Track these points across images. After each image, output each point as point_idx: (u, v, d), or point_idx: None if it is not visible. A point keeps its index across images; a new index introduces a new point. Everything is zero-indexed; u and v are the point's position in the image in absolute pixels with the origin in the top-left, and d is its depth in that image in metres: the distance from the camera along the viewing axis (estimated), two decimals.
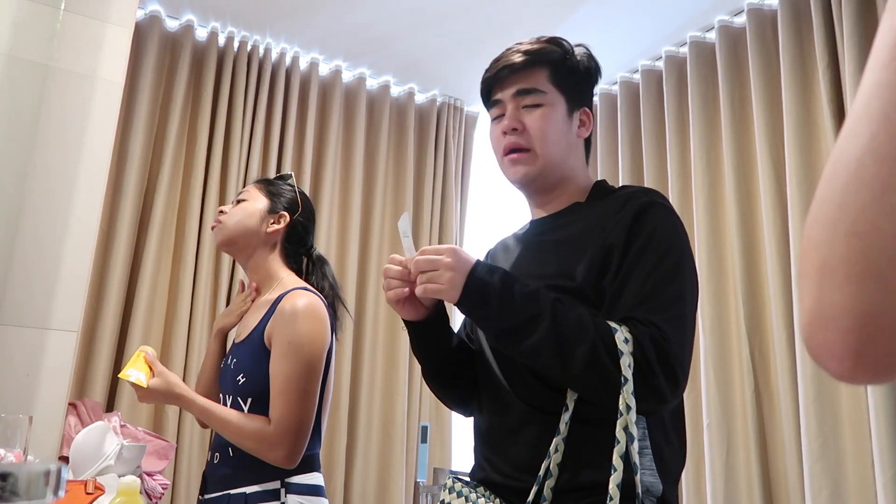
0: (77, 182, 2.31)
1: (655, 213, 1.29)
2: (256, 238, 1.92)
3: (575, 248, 1.32)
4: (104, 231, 3.05)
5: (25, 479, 0.52)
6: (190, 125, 3.42)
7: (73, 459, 2.06)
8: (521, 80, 1.41)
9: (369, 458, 3.46)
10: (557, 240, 1.38)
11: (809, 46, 2.86)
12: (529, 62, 1.41)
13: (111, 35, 2.44)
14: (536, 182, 1.42)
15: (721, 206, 3.09)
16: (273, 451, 1.67)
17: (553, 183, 1.42)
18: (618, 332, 1.17)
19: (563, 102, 1.42)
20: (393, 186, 3.89)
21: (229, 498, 1.71)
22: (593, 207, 1.38)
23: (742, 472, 2.77)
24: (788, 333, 2.70)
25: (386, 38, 3.59)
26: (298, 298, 1.77)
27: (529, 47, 1.43)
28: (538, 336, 1.18)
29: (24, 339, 2.16)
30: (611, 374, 1.15)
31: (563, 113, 1.42)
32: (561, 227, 1.40)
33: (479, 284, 1.21)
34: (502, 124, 1.42)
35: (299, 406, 1.69)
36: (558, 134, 1.40)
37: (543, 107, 1.40)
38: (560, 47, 1.44)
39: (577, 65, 1.44)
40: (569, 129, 1.43)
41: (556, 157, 1.40)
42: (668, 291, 1.24)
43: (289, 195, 1.99)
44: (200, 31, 3.53)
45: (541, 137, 1.39)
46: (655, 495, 1.20)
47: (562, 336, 1.17)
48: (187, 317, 3.19)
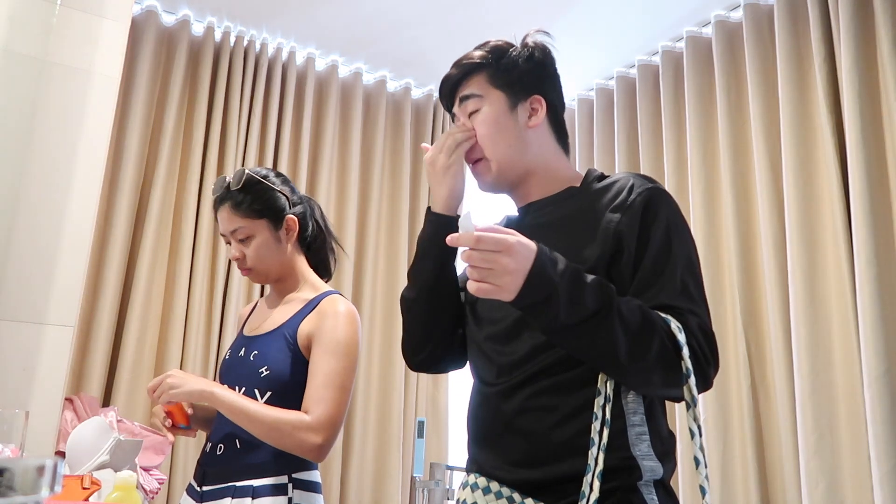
0: (73, 177, 2.30)
1: (667, 201, 1.31)
2: (286, 257, 1.93)
3: (580, 231, 1.32)
4: (100, 226, 3.04)
5: (22, 474, 0.52)
6: (186, 120, 3.41)
7: (70, 454, 2.06)
8: (460, 90, 1.47)
9: (366, 453, 3.47)
10: (558, 223, 1.38)
11: (806, 41, 2.86)
12: (464, 72, 1.47)
13: (107, 29, 2.43)
14: (500, 185, 1.45)
15: (717, 200, 3.09)
16: (311, 437, 1.66)
17: (517, 179, 1.44)
18: (671, 322, 1.18)
19: (503, 99, 1.43)
20: (389, 181, 3.89)
21: (234, 489, 1.71)
22: (591, 192, 1.38)
23: (738, 467, 2.78)
24: (785, 328, 2.70)
25: (382, 34, 3.59)
26: (341, 303, 1.84)
27: (463, 59, 1.49)
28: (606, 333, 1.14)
29: (20, 334, 2.16)
30: (677, 367, 1.17)
31: (504, 109, 1.43)
32: (560, 211, 1.40)
33: (544, 284, 1.12)
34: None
35: (340, 401, 1.72)
36: (503, 132, 1.42)
37: (482, 109, 1.43)
38: (494, 50, 1.47)
39: (517, 59, 1.46)
40: (514, 122, 1.43)
41: (507, 155, 1.42)
42: (697, 280, 1.28)
43: (273, 195, 1.91)
44: (197, 26, 3.52)
45: (486, 142, 1.42)
46: (657, 477, 1.23)
47: (632, 332, 1.15)
48: (184, 312, 3.19)
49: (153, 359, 3.10)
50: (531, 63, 1.46)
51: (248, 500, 1.68)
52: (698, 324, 1.21)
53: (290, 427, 1.67)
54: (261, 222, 1.87)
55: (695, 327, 1.20)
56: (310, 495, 1.74)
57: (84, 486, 1.80)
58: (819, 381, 2.54)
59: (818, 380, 2.54)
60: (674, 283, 1.24)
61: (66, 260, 2.26)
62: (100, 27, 2.42)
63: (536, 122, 1.45)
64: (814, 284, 2.63)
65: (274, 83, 3.61)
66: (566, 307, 1.13)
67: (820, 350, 2.58)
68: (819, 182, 2.72)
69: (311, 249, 2.02)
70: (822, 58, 2.74)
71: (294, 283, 1.94)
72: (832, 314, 2.60)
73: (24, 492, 0.51)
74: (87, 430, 2.08)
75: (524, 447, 1.27)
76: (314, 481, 1.78)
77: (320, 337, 1.77)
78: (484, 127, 1.42)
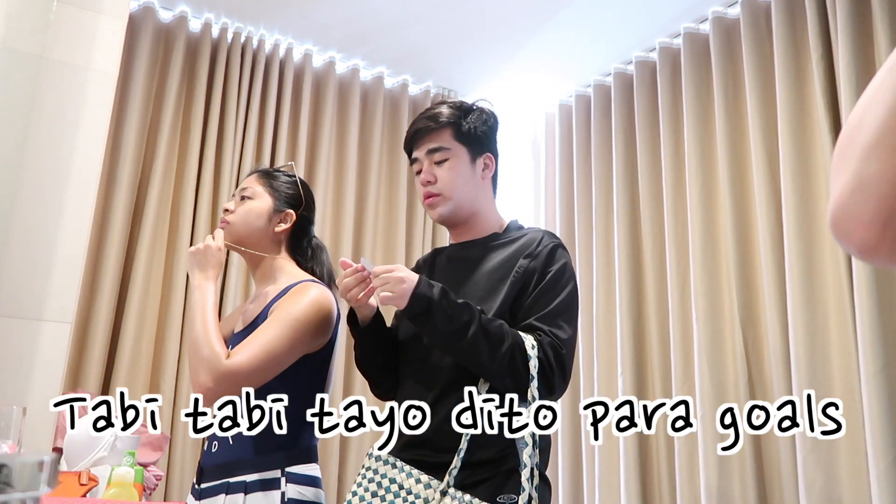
0: (70, 173, 2.30)
1: (565, 255, 1.73)
2: (266, 238, 1.95)
3: (496, 269, 1.71)
4: (98, 222, 3.04)
5: (19, 471, 0.52)
6: (184, 116, 3.40)
7: (67, 451, 2.06)
8: (430, 141, 1.79)
9: (363, 449, 3.47)
10: (481, 260, 1.76)
11: (803, 37, 2.86)
12: (435, 126, 1.78)
13: (105, 26, 2.43)
14: (451, 218, 1.81)
15: (715, 197, 3.09)
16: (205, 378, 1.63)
17: (465, 217, 1.81)
18: (527, 340, 1.57)
19: (466, 153, 1.79)
20: (387, 177, 3.89)
21: (228, 486, 1.71)
22: (510, 241, 1.77)
23: (735, 464, 2.78)
24: (782, 325, 2.71)
25: (379, 30, 3.58)
26: (312, 288, 1.82)
27: (434, 112, 1.80)
28: (470, 339, 1.53)
29: (17, 331, 2.16)
30: (522, 373, 1.55)
31: (467, 162, 1.79)
32: (484, 250, 1.78)
33: (424, 295, 1.55)
34: (420, 177, 1.80)
35: (258, 361, 1.65)
36: (463, 179, 1.78)
37: (449, 160, 1.77)
38: (459, 110, 1.81)
39: (475, 123, 1.80)
40: (473, 174, 1.80)
41: (463, 197, 1.78)
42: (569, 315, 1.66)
43: (291, 190, 2.01)
44: (194, 23, 3.51)
45: (448, 185, 1.76)
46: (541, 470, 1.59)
47: (488, 339, 1.54)
48: (181, 309, 3.19)
49: (150, 355, 3.09)
50: (486, 126, 1.82)
51: (241, 495, 1.69)
52: (550, 343, 1.58)
53: (202, 356, 1.65)
54: (269, 197, 1.97)
55: (546, 345, 1.57)
56: (306, 489, 1.73)
57: (81, 483, 1.80)
58: (817, 378, 2.55)
59: (816, 377, 2.55)
60: (546, 310, 1.63)
61: (64, 256, 2.26)
62: (97, 23, 2.42)
63: (487, 174, 1.84)
64: (811, 281, 2.64)
65: (271, 79, 3.60)
66: (441, 317, 1.54)
67: (817, 347, 2.58)
68: (816, 179, 2.72)
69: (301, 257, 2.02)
70: (819, 54, 2.74)
71: (272, 278, 1.93)
72: (829, 311, 2.60)
73: (22, 488, 0.51)
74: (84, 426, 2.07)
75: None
76: (311, 475, 1.76)
77: (276, 308, 1.77)
78: (450, 173, 1.77)
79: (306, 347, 1.77)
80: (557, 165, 3.98)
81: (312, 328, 1.76)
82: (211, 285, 1.81)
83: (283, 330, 1.71)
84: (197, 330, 1.71)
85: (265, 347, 1.67)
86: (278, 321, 1.72)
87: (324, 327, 1.81)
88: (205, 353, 1.66)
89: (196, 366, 1.66)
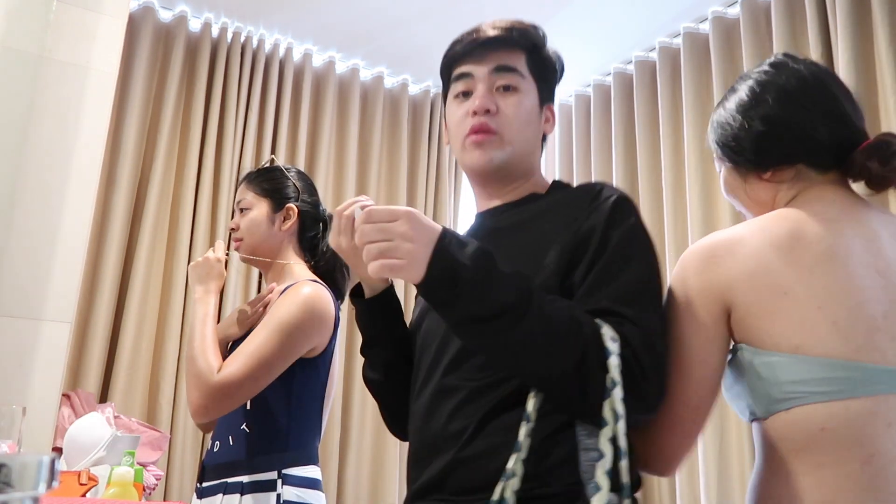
0: (70, 173, 2.30)
1: (636, 211, 1.19)
2: (276, 241, 1.93)
3: (541, 236, 1.18)
4: (98, 222, 3.04)
5: (19, 470, 0.52)
6: (184, 116, 3.40)
7: (67, 450, 2.07)
8: (499, 57, 1.28)
9: (363, 451, 3.46)
10: (520, 227, 1.25)
11: (803, 37, 2.86)
12: (510, 40, 1.29)
13: (104, 25, 2.43)
14: (502, 171, 1.27)
15: (714, 196, 3.09)
16: (195, 395, 1.64)
17: (517, 174, 1.29)
18: (605, 329, 1.03)
19: (536, 93, 1.31)
20: (387, 178, 3.89)
21: (226, 486, 1.72)
22: (556, 198, 1.28)
23: (735, 463, 2.78)
24: None
25: (380, 29, 3.58)
26: (305, 287, 1.78)
27: (509, 24, 1.31)
28: (522, 329, 1.01)
29: (17, 330, 2.16)
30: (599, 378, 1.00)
31: (536, 103, 1.31)
32: (522, 215, 1.27)
33: (448, 260, 1.00)
34: (471, 103, 1.27)
35: (248, 371, 1.64)
36: (530, 124, 1.29)
37: (519, 92, 1.28)
38: (537, 34, 1.33)
39: (550, 57, 1.35)
40: (539, 121, 1.32)
41: (525, 147, 1.28)
42: (653, 292, 1.13)
43: (284, 183, 1.99)
44: (194, 23, 3.51)
45: (512, 123, 1.26)
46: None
47: (549, 329, 1.02)
48: (181, 308, 3.18)
49: (150, 355, 3.09)
50: (555, 70, 1.37)
51: (238, 496, 1.69)
52: (641, 335, 1.04)
53: (194, 371, 1.67)
54: (264, 201, 1.94)
55: (635, 337, 1.03)
56: (305, 491, 1.73)
57: (81, 482, 1.80)
58: None
59: None
60: (622, 289, 1.09)
61: (64, 256, 2.26)
62: (97, 23, 2.42)
63: (550, 130, 1.36)
64: None
65: (271, 79, 3.60)
66: (469, 294, 1.00)
67: None
68: None
69: (317, 258, 2.00)
70: (818, 53, 2.74)
71: (279, 273, 1.93)
72: None
73: (22, 488, 0.51)
74: (84, 425, 2.08)
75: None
76: (310, 477, 1.76)
77: (268, 312, 1.76)
78: (520, 109, 1.27)
79: (300, 351, 1.74)
80: (557, 165, 3.98)
81: (304, 331, 1.73)
82: (212, 299, 1.81)
83: (273, 335, 1.69)
84: (194, 345, 1.72)
85: (255, 355, 1.66)
86: (267, 327, 1.70)
87: (318, 329, 1.77)
88: (197, 367, 1.67)
89: (189, 381, 1.69)
